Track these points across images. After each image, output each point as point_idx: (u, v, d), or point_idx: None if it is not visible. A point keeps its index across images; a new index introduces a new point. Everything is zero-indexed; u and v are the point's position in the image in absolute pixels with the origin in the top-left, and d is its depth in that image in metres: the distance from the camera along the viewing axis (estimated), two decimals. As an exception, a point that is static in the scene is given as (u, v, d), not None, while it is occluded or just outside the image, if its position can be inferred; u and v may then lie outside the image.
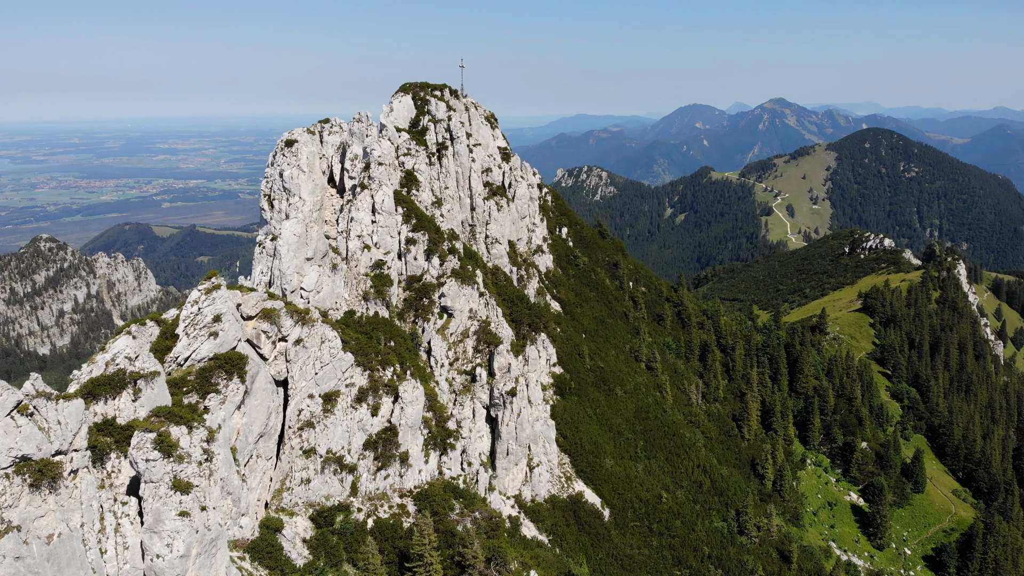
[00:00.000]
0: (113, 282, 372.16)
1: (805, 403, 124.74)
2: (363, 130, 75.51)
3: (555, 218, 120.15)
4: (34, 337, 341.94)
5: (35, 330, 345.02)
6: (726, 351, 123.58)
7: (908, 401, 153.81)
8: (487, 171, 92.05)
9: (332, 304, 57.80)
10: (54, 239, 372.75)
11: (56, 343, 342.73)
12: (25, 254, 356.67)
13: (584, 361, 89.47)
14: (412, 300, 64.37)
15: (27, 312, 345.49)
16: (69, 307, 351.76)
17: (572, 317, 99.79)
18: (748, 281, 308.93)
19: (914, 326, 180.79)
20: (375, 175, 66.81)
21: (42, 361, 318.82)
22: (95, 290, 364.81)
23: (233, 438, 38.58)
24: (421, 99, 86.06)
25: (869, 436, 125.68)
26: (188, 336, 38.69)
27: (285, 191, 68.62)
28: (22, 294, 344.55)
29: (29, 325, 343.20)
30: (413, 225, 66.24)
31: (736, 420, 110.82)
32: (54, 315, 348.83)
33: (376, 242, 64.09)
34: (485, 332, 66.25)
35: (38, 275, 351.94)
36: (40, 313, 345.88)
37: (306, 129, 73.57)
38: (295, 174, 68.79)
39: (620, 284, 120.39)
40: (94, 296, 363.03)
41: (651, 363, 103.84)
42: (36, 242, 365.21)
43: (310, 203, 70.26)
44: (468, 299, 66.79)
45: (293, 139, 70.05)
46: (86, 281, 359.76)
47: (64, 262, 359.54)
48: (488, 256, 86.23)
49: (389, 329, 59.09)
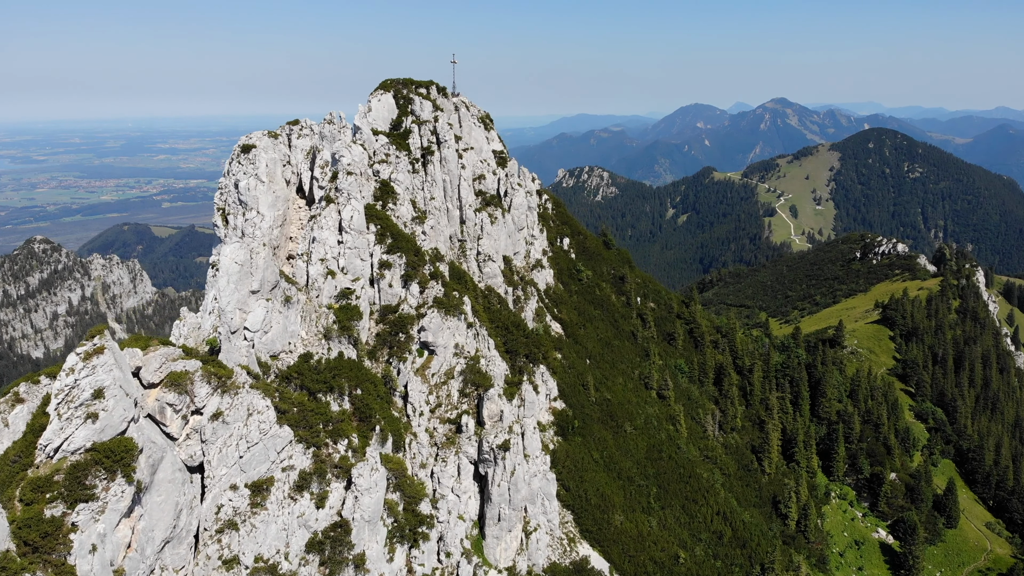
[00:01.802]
0: (108, 284, 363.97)
1: (828, 429, 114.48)
2: (335, 133, 65.23)
3: (556, 228, 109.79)
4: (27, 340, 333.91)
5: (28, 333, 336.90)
6: (742, 373, 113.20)
7: (933, 422, 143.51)
8: (479, 178, 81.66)
9: (284, 346, 47.47)
10: (48, 240, 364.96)
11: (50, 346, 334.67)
12: (19, 255, 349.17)
13: (589, 393, 79.15)
14: (386, 335, 54.03)
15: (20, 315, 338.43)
16: (63, 309, 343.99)
17: (575, 340, 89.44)
18: (755, 286, 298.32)
19: (936, 339, 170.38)
20: (343, 187, 56.49)
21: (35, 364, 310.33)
22: (90, 292, 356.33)
23: (120, 557, 28.25)
24: (404, 98, 75.60)
25: (898, 466, 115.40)
26: (60, 418, 28.38)
27: (241, 204, 58.42)
28: (15, 296, 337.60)
29: (22, 328, 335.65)
30: (388, 246, 55.87)
31: (756, 452, 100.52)
32: (48, 318, 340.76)
33: (343, 267, 53.73)
34: (474, 372, 55.88)
35: (32, 277, 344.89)
36: (34, 316, 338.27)
37: (267, 132, 63.28)
38: (252, 185, 58.54)
39: (627, 300, 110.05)
40: (89, 298, 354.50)
41: (663, 391, 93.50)
42: (30, 243, 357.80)
43: (270, 218, 59.99)
44: (453, 332, 56.48)
45: (250, 144, 59.82)
46: (80, 283, 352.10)
47: (58, 264, 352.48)
48: (480, 276, 75.85)
49: (355, 374, 48.79)
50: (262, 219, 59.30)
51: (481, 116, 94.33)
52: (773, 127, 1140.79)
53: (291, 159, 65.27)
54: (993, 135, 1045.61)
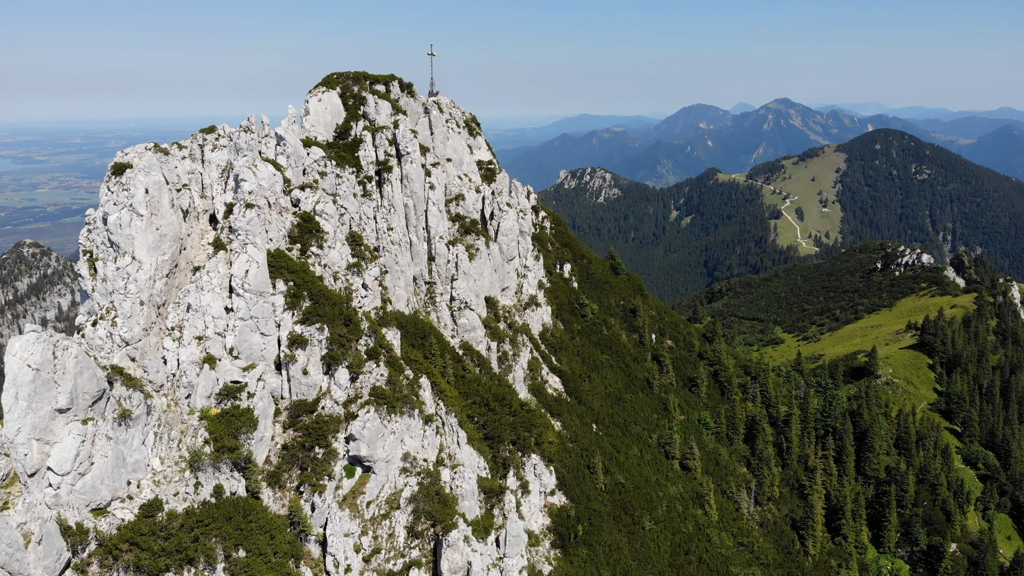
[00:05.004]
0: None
1: (877, 490, 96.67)
2: (252, 144, 47.38)
3: (556, 251, 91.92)
4: None
5: None
6: (776, 424, 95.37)
7: (984, 468, 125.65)
8: (456, 199, 63.70)
9: (116, 491, 29.64)
10: (38, 244, 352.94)
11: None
12: (7, 260, 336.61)
13: (597, 477, 61.27)
14: (297, 449, 36.14)
15: (8, 320, 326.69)
16: (52, 315, 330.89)
17: (578, 399, 71.54)
18: (768, 297, 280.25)
19: (980, 368, 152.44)
20: (239, 226, 38.60)
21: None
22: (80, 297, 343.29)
23: None
24: (354, 96, 57.53)
25: (958, 534, 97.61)
26: None
27: (111, 247, 40.47)
28: (3, 302, 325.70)
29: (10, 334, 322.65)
30: (305, 312, 37.95)
31: (797, 527, 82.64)
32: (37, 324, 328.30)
33: (232, 347, 35.87)
34: (430, 497, 37.99)
35: (20, 282, 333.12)
36: (22, 322, 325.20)
37: (153, 145, 45.01)
38: (124, 220, 40.57)
39: (639, 338, 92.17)
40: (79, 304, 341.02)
41: (686, 459, 75.62)
42: (19, 247, 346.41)
43: (150, 267, 41.66)
44: (401, 437, 38.63)
45: (125, 163, 41.69)
46: (71, 288, 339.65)
47: (48, 268, 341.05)
48: (454, 329, 57.91)
49: (239, 523, 31.04)
50: (138, 268, 41.12)
51: (465, 120, 76.48)
52: (776, 127, 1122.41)
53: (204, 179, 47.27)
54: (997, 136, 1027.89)
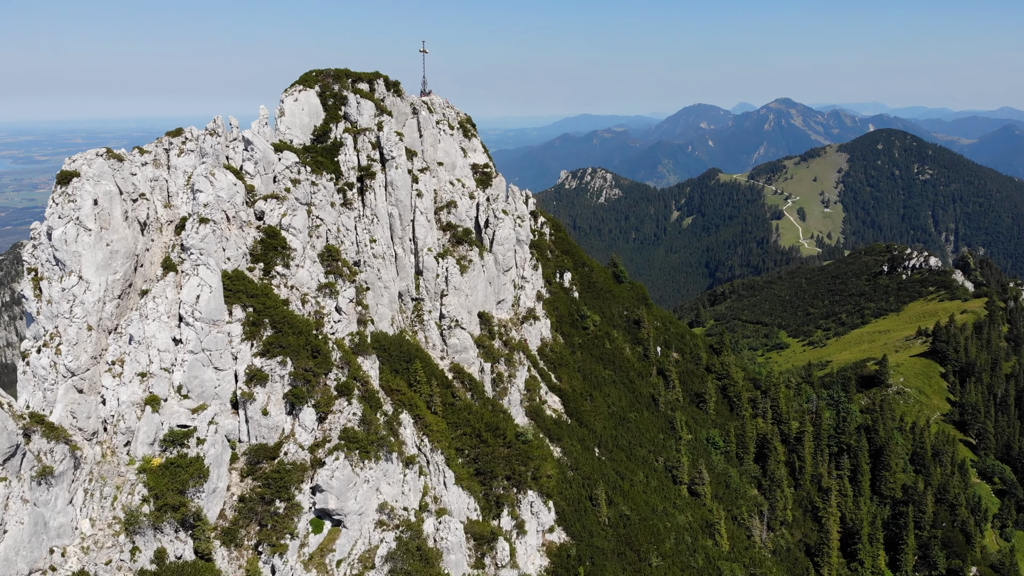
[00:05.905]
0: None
1: (893, 510, 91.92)
2: (219, 148, 42.56)
3: (556, 259, 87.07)
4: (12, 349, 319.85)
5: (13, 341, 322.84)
6: (788, 441, 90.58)
7: (1000, 482, 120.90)
8: (448, 207, 58.91)
9: (35, 563, 24.85)
10: None
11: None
12: (4, 261, 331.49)
13: (599, 510, 56.47)
14: (255, 502, 31.33)
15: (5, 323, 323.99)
16: None
17: (579, 420, 66.74)
18: (772, 300, 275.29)
19: (993, 377, 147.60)
20: (192, 243, 33.75)
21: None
22: None
23: None
24: (334, 96, 52.68)
25: (978, 556, 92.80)
26: None
27: (57, 265, 35.56)
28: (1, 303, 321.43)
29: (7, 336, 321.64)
30: (265, 343, 33.12)
31: (811, 554, 77.89)
32: None
33: (180, 385, 31.06)
34: (409, 554, 33.17)
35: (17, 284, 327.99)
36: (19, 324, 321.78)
37: (106, 151, 39.75)
38: (71, 235, 35.66)
39: (644, 351, 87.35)
40: None
41: (695, 484, 70.83)
42: (16, 248, 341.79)
43: (99, 288, 36.68)
44: (376, 487, 33.82)
45: (72, 172, 36.65)
46: None
47: None
48: (443, 350, 53.11)
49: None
50: (86, 288, 36.22)
51: (460, 120, 71.69)
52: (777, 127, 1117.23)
53: (170, 186, 42.42)
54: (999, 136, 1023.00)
